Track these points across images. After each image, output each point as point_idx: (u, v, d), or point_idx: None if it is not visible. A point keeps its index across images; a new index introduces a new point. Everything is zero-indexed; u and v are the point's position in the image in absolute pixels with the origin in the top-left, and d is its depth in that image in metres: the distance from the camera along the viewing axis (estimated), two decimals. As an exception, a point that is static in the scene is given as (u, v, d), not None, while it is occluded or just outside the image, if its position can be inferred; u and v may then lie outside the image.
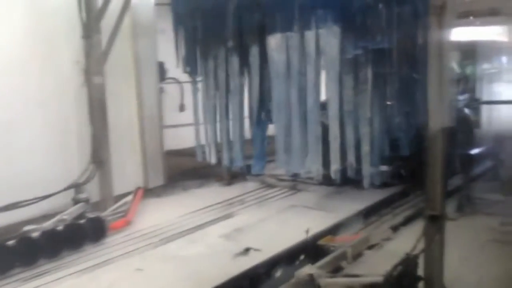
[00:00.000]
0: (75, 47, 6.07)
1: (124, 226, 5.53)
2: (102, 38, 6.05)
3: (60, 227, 4.96)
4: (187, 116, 7.28)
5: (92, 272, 4.40)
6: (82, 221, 5.19)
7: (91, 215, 5.41)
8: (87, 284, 4.18)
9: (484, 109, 7.47)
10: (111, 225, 5.41)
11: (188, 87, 6.98)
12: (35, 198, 5.33)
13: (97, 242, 5.10)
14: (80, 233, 5.03)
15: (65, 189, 5.68)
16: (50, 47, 6.00)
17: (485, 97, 7.52)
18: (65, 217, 5.23)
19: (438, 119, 3.68)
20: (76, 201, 5.64)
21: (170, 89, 9.21)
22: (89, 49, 5.97)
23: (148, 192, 6.98)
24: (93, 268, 4.48)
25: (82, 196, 5.69)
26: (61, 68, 6.12)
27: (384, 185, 6.20)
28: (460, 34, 6.95)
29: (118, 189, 6.32)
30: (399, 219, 5.51)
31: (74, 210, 5.43)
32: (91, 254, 4.82)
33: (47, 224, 4.98)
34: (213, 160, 6.29)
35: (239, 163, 6.10)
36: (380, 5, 5.17)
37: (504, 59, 7.51)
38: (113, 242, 5.13)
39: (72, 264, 4.59)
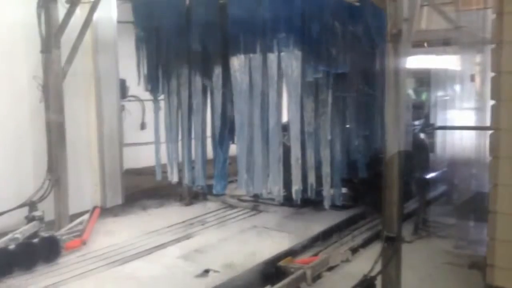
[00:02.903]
0: (34, 62, 5.93)
1: (79, 246, 5.36)
2: (61, 53, 5.94)
3: (11, 246, 4.76)
4: (148, 134, 7.21)
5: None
6: (35, 240, 5.00)
7: (45, 234, 5.23)
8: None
9: (438, 134, 7.74)
10: (65, 245, 5.23)
11: (149, 105, 6.94)
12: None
13: (51, 262, 4.92)
14: (33, 253, 4.84)
15: (19, 207, 5.49)
16: (7, 61, 5.85)
17: (439, 123, 7.78)
18: (17, 235, 5.03)
19: (394, 143, 3.81)
20: (29, 220, 5.43)
21: (131, 106, 9.10)
22: (48, 64, 5.85)
23: (106, 211, 6.81)
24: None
25: (36, 214, 5.49)
26: (18, 83, 5.97)
27: (343, 207, 6.31)
28: (416, 61, 7.21)
29: (74, 208, 6.14)
30: (358, 240, 5.58)
31: (27, 229, 5.23)
32: (43, 275, 4.64)
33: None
34: (174, 179, 6.23)
35: (200, 183, 6.07)
36: (340, 32, 5.34)
37: (456, 86, 7.83)
38: (67, 263, 4.96)
39: (23, 285, 4.40)
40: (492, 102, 3.63)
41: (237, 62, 5.30)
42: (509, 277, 3.47)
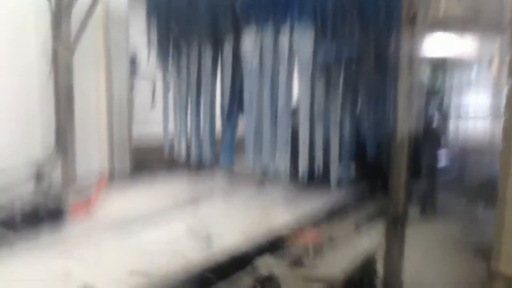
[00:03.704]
0: (44, 34, 5.91)
1: (85, 215, 5.39)
2: (72, 27, 5.91)
3: (16, 211, 4.81)
4: (158, 114, 7.19)
5: (47, 258, 4.24)
6: (41, 208, 5.03)
7: (51, 202, 5.26)
8: (41, 270, 4.02)
9: (451, 119, 7.63)
10: (72, 212, 5.26)
11: (160, 82, 6.91)
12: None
13: (56, 230, 4.95)
14: (37, 219, 4.88)
15: (27, 175, 5.53)
16: (17, 32, 5.83)
17: (453, 109, 7.67)
18: (25, 201, 5.07)
19: (405, 126, 3.74)
20: (37, 188, 5.48)
21: (142, 82, 9.07)
22: (58, 37, 5.84)
23: (113, 181, 6.83)
24: (49, 254, 4.32)
25: (44, 183, 5.54)
26: (28, 55, 5.96)
27: (351, 184, 6.25)
28: (432, 46, 7.08)
29: (81, 178, 6.17)
30: (363, 218, 5.54)
31: (35, 197, 5.27)
32: (48, 242, 4.65)
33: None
34: (181, 156, 6.22)
35: (208, 159, 6.06)
36: (355, 13, 5.24)
37: (473, 72, 7.70)
38: (72, 231, 4.97)
39: (27, 249, 4.42)
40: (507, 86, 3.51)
41: (248, 39, 5.24)
42: None
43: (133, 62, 8.00)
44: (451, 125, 7.61)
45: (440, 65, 8.61)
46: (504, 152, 3.47)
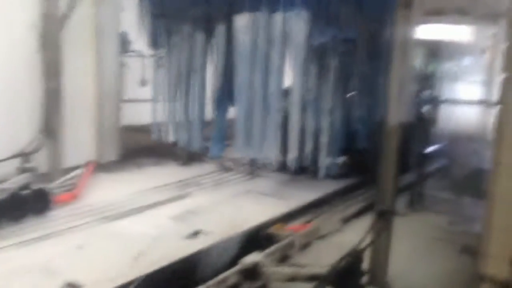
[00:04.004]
0: (32, 10, 5.74)
1: (71, 200, 5.33)
2: (61, 1, 5.74)
3: (1, 196, 4.72)
4: (149, 91, 7.06)
5: (30, 245, 4.20)
6: (25, 192, 4.95)
7: (36, 186, 5.18)
8: (23, 257, 3.99)
9: (442, 107, 7.58)
10: (57, 198, 5.19)
11: (151, 61, 6.76)
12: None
13: (41, 215, 4.89)
14: (22, 205, 4.80)
15: (11, 157, 5.42)
16: (3, 7, 5.65)
17: (445, 96, 7.61)
18: (8, 186, 4.98)
19: (395, 114, 3.68)
20: (21, 171, 5.39)
21: (133, 61, 8.91)
22: (46, 12, 5.67)
23: (100, 166, 6.74)
24: (32, 241, 4.28)
25: (29, 165, 5.44)
26: (15, 31, 5.79)
27: (339, 176, 6.23)
28: (426, 31, 6.98)
29: (68, 161, 6.08)
30: (350, 211, 5.53)
31: (18, 180, 5.18)
32: (32, 227, 4.60)
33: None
34: (170, 139, 6.14)
35: (196, 144, 5.99)
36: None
37: (466, 59, 7.62)
38: (57, 216, 4.92)
39: (11, 236, 4.37)
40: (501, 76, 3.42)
41: (240, 21, 5.12)
42: (502, 266, 3.33)
43: (124, 39, 7.83)
44: (441, 111, 7.57)
45: (433, 51, 8.52)
46: (497, 142, 3.38)
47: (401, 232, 3.91)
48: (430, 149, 6.38)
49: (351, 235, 4.25)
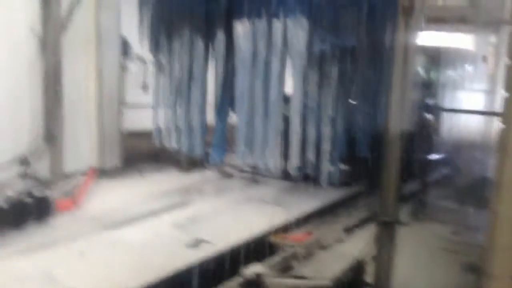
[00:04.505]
0: (32, 13, 5.73)
1: (72, 207, 5.31)
2: (62, 5, 5.74)
3: (2, 204, 4.69)
4: (150, 96, 7.03)
5: (31, 252, 4.18)
6: (27, 199, 4.92)
7: (37, 192, 5.15)
8: (24, 265, 3.96)
9: (445, 115, 7.56)
10: (58, 205, 5.17)
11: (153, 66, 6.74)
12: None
13: (42, 222, 4.86)
14: (24, 212, 4.77)
15: (11, 162, 5.40)
16: (4, 11, 5.65)
17: (447, 104, 7.59)
18: (9, 193, 4.96)
19: (397, 122, 3.66)
20: (22, 177, 5.37)
21: (134, 66, 8.89)
22: (47, 16, 5.67)
23: (102, 173, 6.73)
24: (33, 249, 4.25)
25: (29, 171, 5.42)
26: (16, 35, 5.78)
27: (341, 184, 6.19)
28: (427, 38, 6.97)
29: (69, 167, 6.06)
30: (353, 220, 5.50)
31: (20, 187, 5.16)
32: (33, 234, 4.59)
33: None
34: (171, 145, 6.12)
35: (198, 151, 5.96)
36: (349, 2, 5.11)
37: (468, 67, 7.60)
38: (58, 223, 4.91)
39: (11, 243, 4.35)
40: (503, 91, 3.38)
41: (241, 28, 5.11)
42: (506, 286, 3.26)
43: (125, 44, 7.81)
44: (444, 119, 7.54)
45: (435, 58, 8.50)
46: (498, 173, 3.28)
47: (404, 242, 3.88)
48: (433, 157, 6.36)
49: (354, 245, 4.22)
